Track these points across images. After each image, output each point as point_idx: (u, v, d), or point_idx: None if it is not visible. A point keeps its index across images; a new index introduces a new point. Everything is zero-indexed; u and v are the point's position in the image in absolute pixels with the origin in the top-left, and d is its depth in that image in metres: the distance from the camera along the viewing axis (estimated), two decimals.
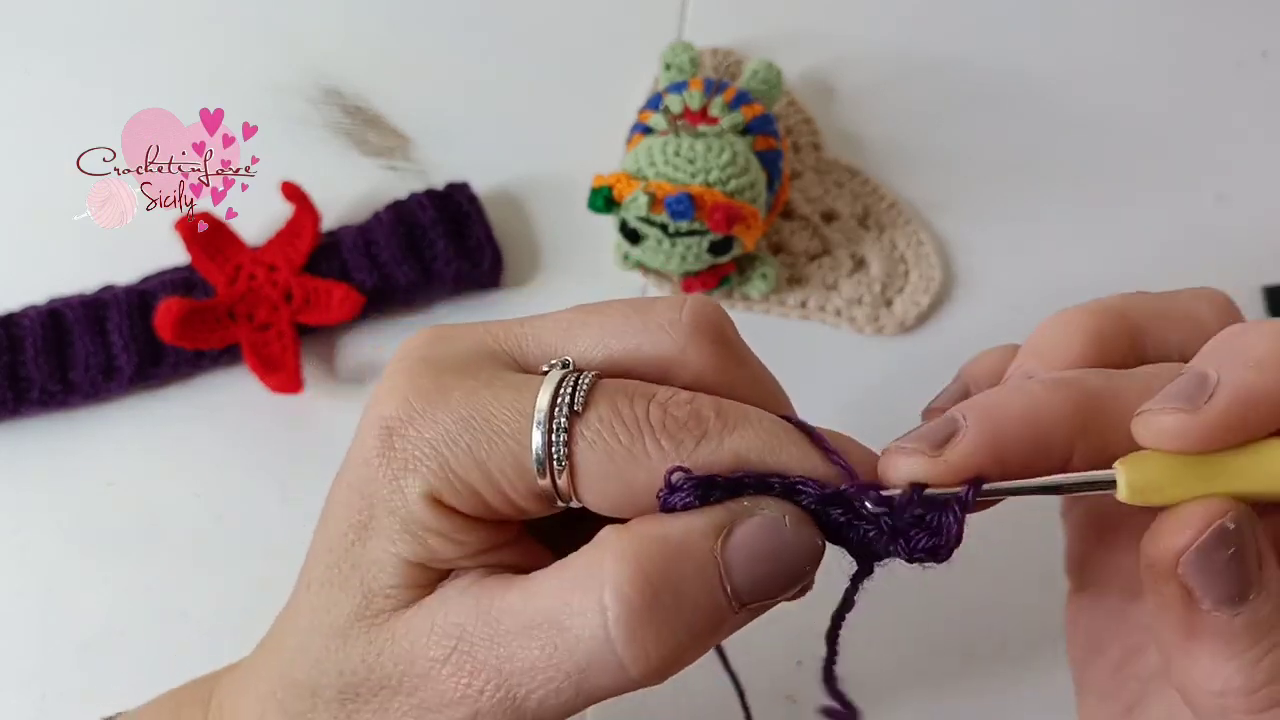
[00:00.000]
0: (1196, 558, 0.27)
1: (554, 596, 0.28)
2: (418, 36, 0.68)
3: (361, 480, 0.30)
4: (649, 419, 0.29)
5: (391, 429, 0.29)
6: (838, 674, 0.32)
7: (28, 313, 0.56)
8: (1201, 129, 0.65)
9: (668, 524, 0.28)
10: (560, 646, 0.28)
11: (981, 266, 0.61)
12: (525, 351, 0.32)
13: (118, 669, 0.50)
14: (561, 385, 0.29)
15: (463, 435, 0.29)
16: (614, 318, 0.31)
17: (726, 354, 0.31)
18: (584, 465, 0.29)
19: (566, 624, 0.28)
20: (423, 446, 0.29)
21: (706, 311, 0.31)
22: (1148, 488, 0.27)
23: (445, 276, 0.58)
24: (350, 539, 0.30)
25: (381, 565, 0.30)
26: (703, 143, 0.53)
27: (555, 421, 0.28)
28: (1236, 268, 0.61)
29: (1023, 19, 0.68)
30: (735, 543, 0.28)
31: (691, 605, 0.28)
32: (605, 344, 0.31)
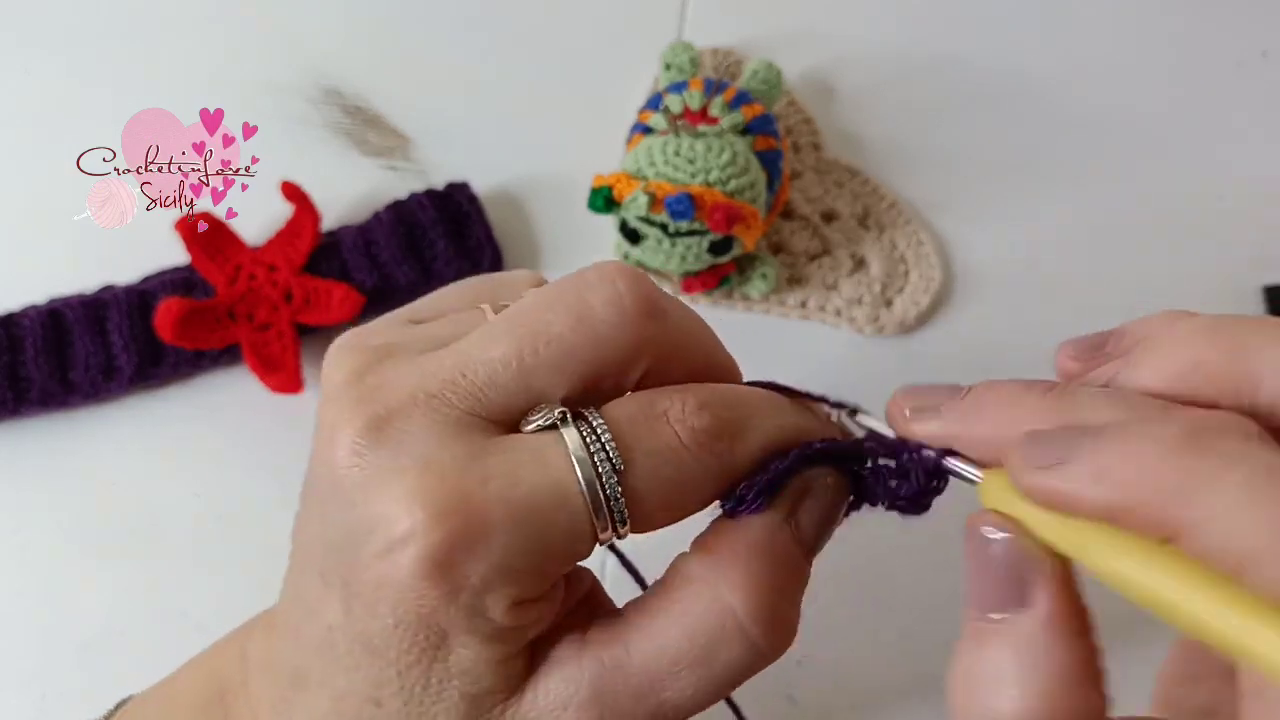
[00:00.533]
0: (970, 540, 0.28)
1: (690, 638, 0.30)
2: (418, 36, 0.68)
3: (423, 616, 0.28)
4: (684, 443, 0.29)
5: (445, 567, 0.27)
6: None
7: (28, 313, 0.56)
8: (1201, 129, 0.65)
9: (748, 534, 0.31)
10: (710, 674, 0.30)
11: (981, 266, 0.61)
12: (487, 405, 0.29)
13: (118, 669, 0.50)
14: (587, 446, 0.29)
15: (522, 542, 0.28)
16: (562, 337, 0.30)
17: (667, 325, 0.31)
18: (645, 513, 0.29)
19: (716, 656, 0.30)
20: (489, 572, 0.28)
21: (641, 290, 0.30)
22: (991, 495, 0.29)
23: (445, 276, 0.58)
24: (426, 662, 0.29)
25: (478, 674, 0.29)
26: (703, 143, 0.53)
27: (607, 489, 0.29)
28: (1236, 268, 0.61)
29: (1023, 19, 0.68)
30: (803, 522, 0.31)
31: (795, 586, 0.31)
32: (565, 370, 0.30)
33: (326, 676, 0.30)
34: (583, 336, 0.30)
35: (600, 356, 0.30)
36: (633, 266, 0.31)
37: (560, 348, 0.29)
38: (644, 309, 0.30)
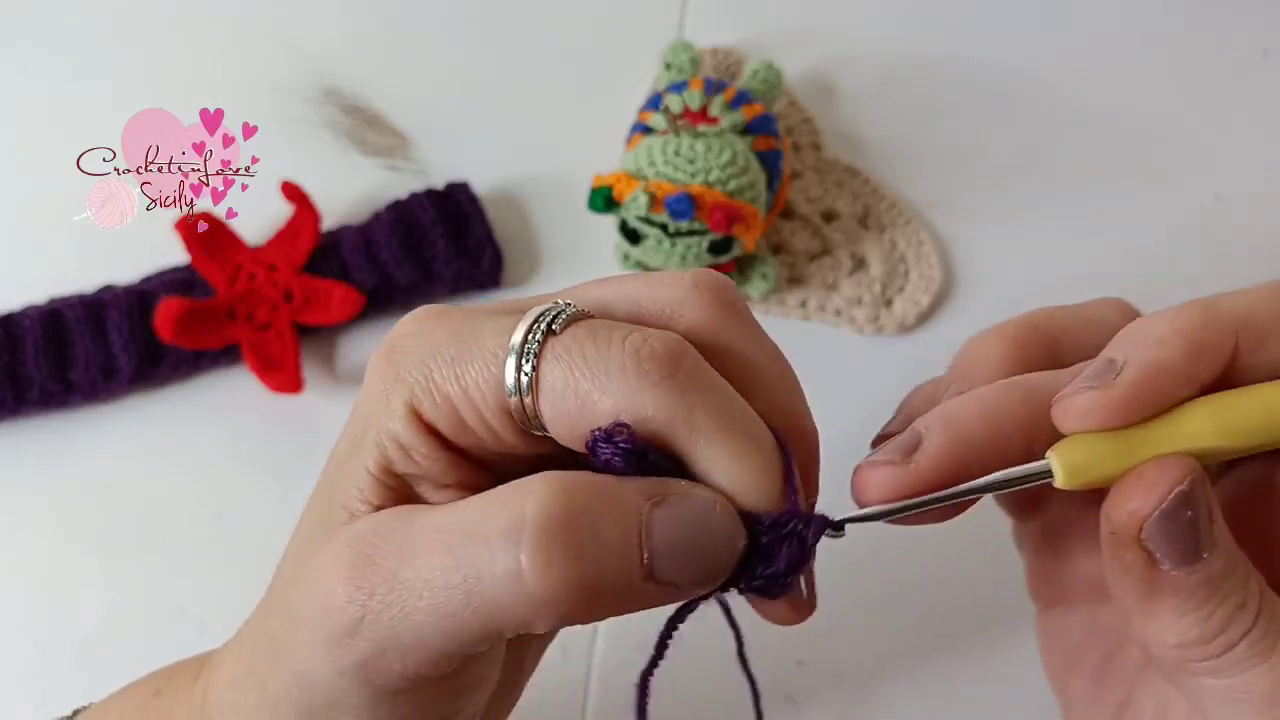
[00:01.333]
0: (1159, 523, 0.28)
1: (474, 509, 0.27)
2: (418, 36, 0.68)
3: (362, 400, 0.31)
4: (623, 343, 0.28)
5: (393, 345, 0.30)
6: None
7: (28, 313, 0.56)
8: (1201, 129, 0.65)
9: (605, 477, 0.28)
10: (463, 552, 0.27)
11: (981, 266, 0.61)
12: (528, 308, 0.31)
13: (117, 669, 0.50)
14: (547, 310, 0.29)
15: (449, 346, 0.29)
16: (622, 282, 0.31)
17: (726, 310, 0.30)
18: (547, 379, 0.28)
19: (476, 530, 0.27)
20: (414, 359, 0.29)
21: (713, 276, 0.31)
22: (1081, 469, 0.29)
23: (445, 276, 0.58)
24: (343, 457, 0.31)
25: (352, 479, 0.30)
26: (703, 142, 0.53)
27: (530, 337, 0.28)
28: (1236, 268, 0.61)
29: (1023, 19, 0.68)
30: (662, 512, 0.27)
31: (606, 546, 0.27)
32: (610, 301, 0.31)
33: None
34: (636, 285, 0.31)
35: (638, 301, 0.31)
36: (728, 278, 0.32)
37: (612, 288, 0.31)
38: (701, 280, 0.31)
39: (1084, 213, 0.62)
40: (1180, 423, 0.29)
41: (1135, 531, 0.28)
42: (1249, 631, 0.29)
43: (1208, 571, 0.28)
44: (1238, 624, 0.29)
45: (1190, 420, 0.29)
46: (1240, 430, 0.29)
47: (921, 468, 0.29)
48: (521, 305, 0.30)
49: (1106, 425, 0.29)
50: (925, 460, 0.29)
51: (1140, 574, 0.29)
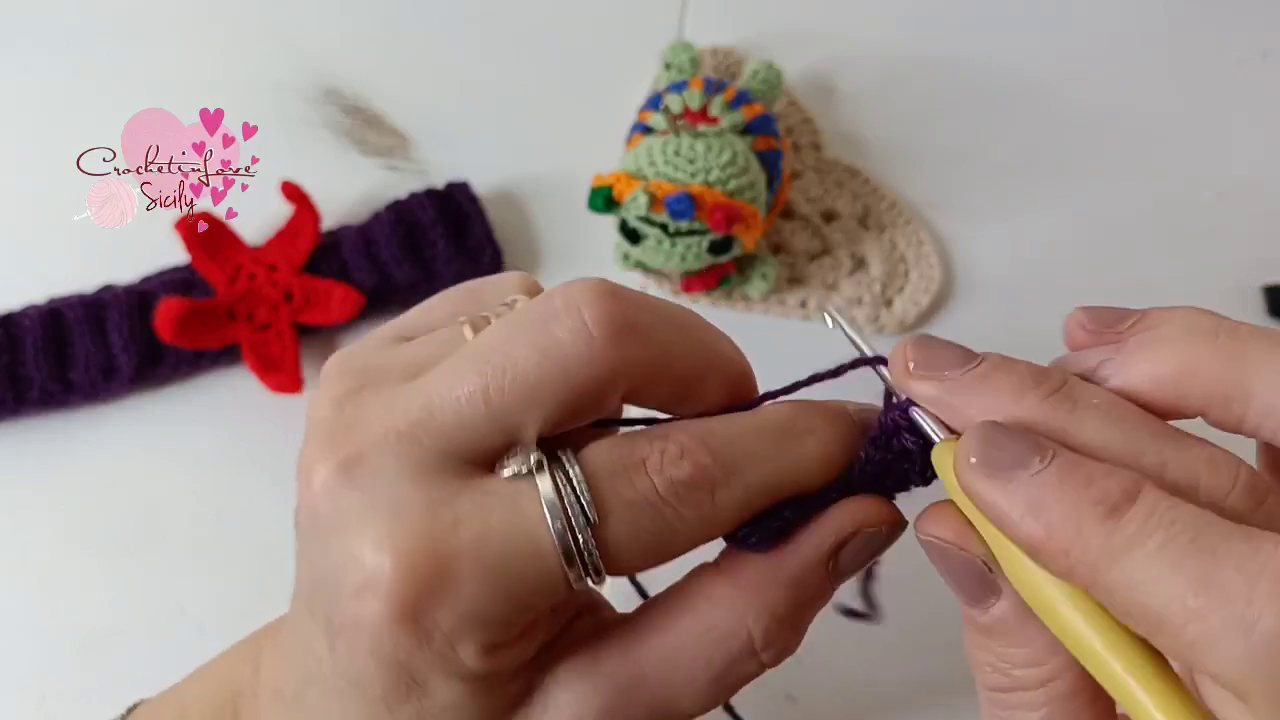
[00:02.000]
0: (930, 549, 0.29)
1: (703, 655, 0.30)
2: (418, 36, 0.68)
3: (397, 660, 0.28)
4: (661, 495, 0.29)
5: (415, 617, 0.27)
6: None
7: (28, 313, 0.56)
8: (1201, 129, 0.65)
9: (786, 569, 0.31)
10: (720, 690, 0.31)
11: (981, 266, 0.61)
12: (459, 445, 0.29)
13: (117, 669, 0.50)
14: (561, 497, 0.28)
15: (492, 592, 0.28)
16: (527, 372, 0.28)
17: (647, 343, 0.30)
18: (620, 562, 0.29)
19: (726, 675, 0.31)
20: (458, 621, 0.28)
21: (608, 309, 0.29)
22: (940, 467, 0.29)
23: (445, 276, 0.58)
24: (411, 699, 0.29)
25: (463, 709, 0.29)
26: (703, 142, 0.53)
27: (581, 542, 0.28)
28: (1236, 267, 0.61)
29: (1023, 19, 0.68)
30: (843, 563, 0.31)
31: (814, 613, 0.32)
32: (536, 403, 0.28)
33: (320, 705, 0.30)
34: (549, 370, 0.28)
35: (571, 388, 0.29)
36: (602, 283, 0.29)
37: (527, 384, 0.28)
38: (613, 334, 0.29)
39: (1084, 212, 0.62)
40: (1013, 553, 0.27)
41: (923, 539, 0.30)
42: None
43: (973, 619, 0.29)
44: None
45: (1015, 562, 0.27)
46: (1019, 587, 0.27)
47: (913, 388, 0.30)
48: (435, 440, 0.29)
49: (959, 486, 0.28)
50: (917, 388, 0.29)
51: None
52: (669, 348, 0.30)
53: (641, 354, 0.29)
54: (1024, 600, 0.27)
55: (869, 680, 0.51)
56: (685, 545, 0.30)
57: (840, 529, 0.31)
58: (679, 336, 0.31)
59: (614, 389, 0.30)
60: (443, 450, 0.28)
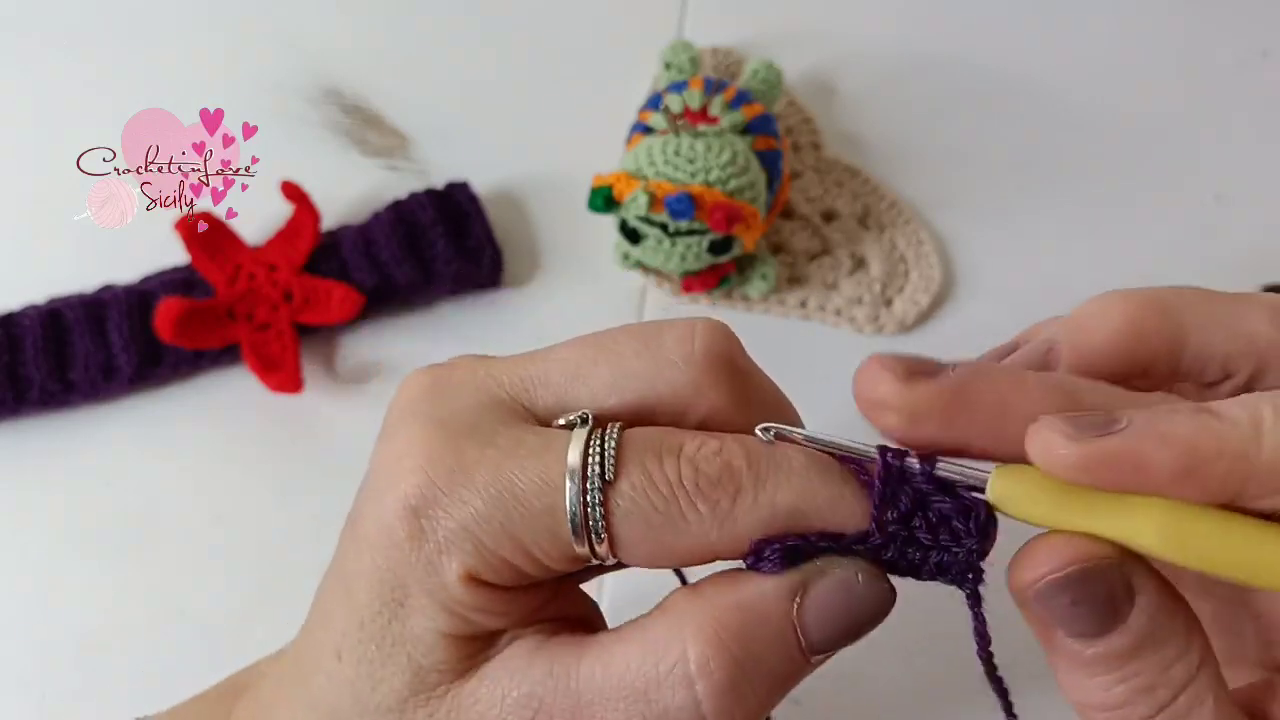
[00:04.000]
0: (1040, 596, 0.27)
1: (636, 670, 0.29)
2: (417, 36, 0.68)
3: (391, 560, 0.29)
4: (682, 481, 0.28)
5: (418, 511, 0.29)
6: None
7: (28, 312, 0.56)
8: (1201, 129, 0.65)
9: (742, 589, 0.29)
10: (644, 715, 0.28)
11: (981, 266, 0.61)
12: (535, 399, 0.31)
13: (117, 669, 0.50)
14: (589, 449, 0.28)
15: (495, 514, 0.28)
16: (624, 356, 0.30)
17: (740, 386, 0.31)
18: (621, 534, 0.29)
19: (654, 697, 0.28)
20: (454, 529, 0.29)
21: (719, 342, 0.30)
22: (1009, 499, 0.28)
23: (445, 276, 0.58)
24: (386, 617, 0.30)
25: (429, 644, 0.30)
26: (703, 142, 0.53)
27: (589, 495, 0.28)
28: (1236, 268, 0.61)
29: (1023, 19, 0.68)
30: (810, 604, 0.29)
31: (772, 669, 0.29)
32: (618, 387, 0.30)
33: (309, 624, 0.32)
34: (643, 364, 0.30)
35: (654, 388, 0.30)
36: (724, 325, 0.31)
37: (618, 367, 0.30)
38: (712, 360, 0.30)
39: (1084, 213, 0.62)
40: (1129, 512, 0.26)
41: (1025, 595, 0.28)
42: (1152, 718, 0.27)
43: (1108, 648, 0.27)
44: (1138, 706, 0.27)
45: (1140, 515, 0.26)
46: (1182, 550, 0.26)
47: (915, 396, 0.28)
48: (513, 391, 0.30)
49: (1064, 477, 0.27)
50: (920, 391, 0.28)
51: (1040, 632, 0.28)
52: (756, 400, 0.31)
53: (730, 392, 0.30)
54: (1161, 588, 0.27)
55: (872, 682, 0.51)
56: (691, 546, 0.29)
57: (808, 571, 0.29)
58: (769, 397, 0.32)
59: (694, 408, 0.30)
60: (515, 396, 0.30)
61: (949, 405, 0.28)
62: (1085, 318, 0.31)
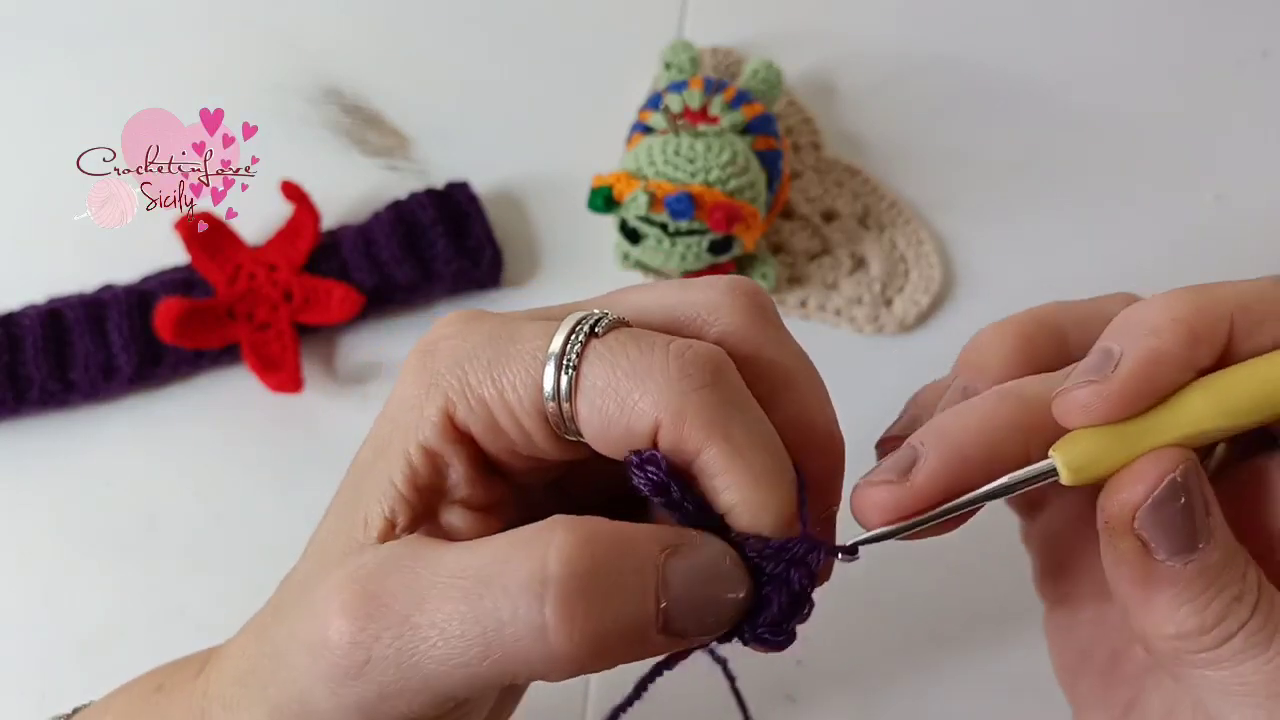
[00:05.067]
0: (1152, 511, 0.28)
1: (492, 555, 0.27)
2: (417, 36, 0.68)
3: (393, 405, 0.31)
4: (666, 346, 0.28)
5: (428, 349, 0.30)
6: None
7: (28, 312, 0.56)
8: (1201, 129, 0.65)
9: (621, 525, 0.28)
10: (483, 602, 0.26)
11: (981, 266, 0.61)
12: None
13: (117, 669, 0.50)
14: (588, 316, 0.29)
15: (486, 349, 0.29)
16: (655, 289, 0.32)
17: (761, 317, 0.31)
18: (587, 379, 0.28)
19: (498, 580, 0.26)
20: (449, 361, 0.30)
21: (747, 282, 0.32)
22: (1086, 465, 0.29)
23: (445, 276, 0.58)
24: (368, 464, 0.30)
25: (376, 489, 0.30)
26: (703, 142, 0.53)
27: (572, 338, 0.29)
28: (1236, 268, 0.60)
29: (1023, 19, 0.68)
30: (677, 563, 0.28)
31: (625, 598, 0.27)
32: (645, 308, 0.31)
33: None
34: (670, 289, 0.31)
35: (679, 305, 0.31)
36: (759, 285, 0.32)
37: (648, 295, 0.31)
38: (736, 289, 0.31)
39: (1084, 213, 0.62)
40: (1180, 408, 0.29)
41: (1129, 521, 0.29)
42: (1246, 623, 0.29)
43: (1204, 562, 0.29)
44: (1235, 615, 0.29)
45: (1190, 404, 0.29)
46: (1239, 408, 0.29)
47: (918, 485, 0.30)
48: (557, 312, 0.31)
49: (1108, 419, 0.29)
50: (922, 478, 0.30)
51: (1135, 564, 0.29)
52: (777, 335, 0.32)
53: (747, 316, 0.31)
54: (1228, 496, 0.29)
55: (869, 680, 0.51)
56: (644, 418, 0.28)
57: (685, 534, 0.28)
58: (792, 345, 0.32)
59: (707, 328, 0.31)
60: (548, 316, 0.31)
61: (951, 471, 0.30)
62: (979, 352, 0.34)
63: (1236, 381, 0.29)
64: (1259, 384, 0.29)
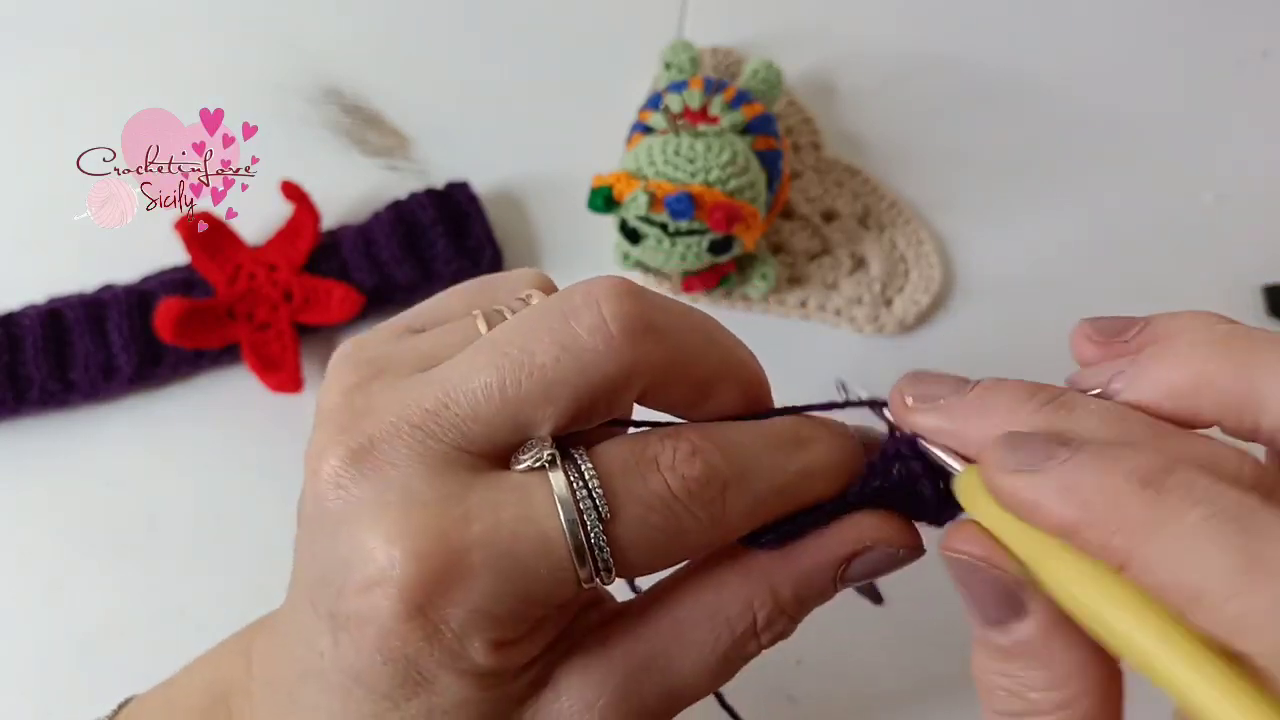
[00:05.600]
0: (953, 567, 0.29)
1: (705, 627, 0.31)
2: (417, 36, 0.68)
3: (406, 657, 0.28)
4: (674, 494, 0.29)
5: (424, 609, 0.27)
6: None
7: (28, 312, 0.56)
8: (1201, 129, 0.65)
9: (797, 565, 0.31)
10: (729, 667, 0.31)
11: (981, 266, 0.61)
12: (471, 437, 0.28)
13: (117, 669, 0.50)
14: (574, 491, 0.28)
15: (503, 588, 0.27)
16: (543, 358, 0.28)
17: (665, 343, 0.30)
18: (630, 559, 0.29)
19: (732, 655, 0.31)
20: (469, 615, 0.27)
21: (625, 306, 0.29)
22: (964, 492, 0.29)
23: (445, 276, 0.58)
24: (419, 695, 0.29)
25: (470, 706, 0.29)
26: (703, 142, 0.53)
27: (593, 539, 0.28)
28: (1236, 268, 0.61)
29: (1023, 19, 0.68)
30: (852, 572, 0.32)
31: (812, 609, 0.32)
32: (551, 396, 0.28)
33: (320, 701, 0.30)
34: (567, 366, 0.28)
35: (589, 384, 0.28)
36: (623, 281, 0.29)
37: (544, 378, 0.28)
38: (632, 332, 0.29)
39: (1084, 212, 0.62)
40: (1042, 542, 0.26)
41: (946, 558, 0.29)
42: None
43: (993, 641, 0.28)
44: (1004, 703, 0.28)
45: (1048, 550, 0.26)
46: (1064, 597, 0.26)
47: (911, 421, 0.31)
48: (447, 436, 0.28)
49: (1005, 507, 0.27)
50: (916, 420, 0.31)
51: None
52: (687, 350, 0.30)
53: (659, 355, 0.29)
54: (1053, 618, 0.27)
55: (869, 680, 0.51)
56: (695, 546, 0.30)
57: (859, 540, 0.31)
58: (697, 339, 0.31)
59: (630, 388, 0.29)
60: (455, 443, 0.28)
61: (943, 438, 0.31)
62: (1152, 357, 0.29)
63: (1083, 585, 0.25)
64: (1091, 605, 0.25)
